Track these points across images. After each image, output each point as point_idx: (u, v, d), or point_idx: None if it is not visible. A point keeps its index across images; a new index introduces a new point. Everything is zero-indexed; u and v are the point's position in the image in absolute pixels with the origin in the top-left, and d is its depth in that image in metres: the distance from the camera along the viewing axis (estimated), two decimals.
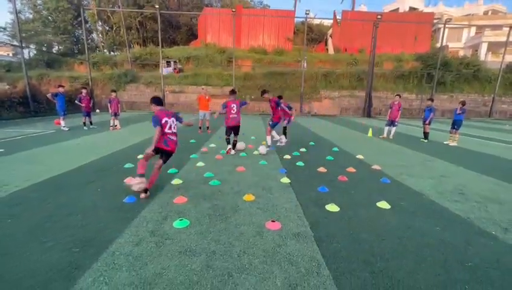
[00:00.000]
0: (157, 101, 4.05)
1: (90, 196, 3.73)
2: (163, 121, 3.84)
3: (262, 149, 6.64)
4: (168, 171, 4.90)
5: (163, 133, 3.85)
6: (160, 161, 3.93)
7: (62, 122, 9.96)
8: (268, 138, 7.16)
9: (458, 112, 8.91)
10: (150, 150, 3.74)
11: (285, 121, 7.81)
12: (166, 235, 2.74)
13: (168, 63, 26.04)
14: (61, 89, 10.10)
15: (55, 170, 4.89)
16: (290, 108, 7.47)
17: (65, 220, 2.99)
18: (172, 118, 4.01)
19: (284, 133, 8.05)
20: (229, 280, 2.10)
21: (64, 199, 3.59)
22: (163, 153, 3.94)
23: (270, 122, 7.22)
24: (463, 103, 8.99)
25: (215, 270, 2.20)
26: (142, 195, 3.69)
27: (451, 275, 2.22)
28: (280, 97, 7.31)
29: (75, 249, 2.44)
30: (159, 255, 2.39)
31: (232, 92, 6.47)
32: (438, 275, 2.22)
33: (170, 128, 3.93)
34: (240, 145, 6.92)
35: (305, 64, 26.38)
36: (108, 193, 3.83)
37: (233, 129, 6.50)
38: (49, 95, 10.15)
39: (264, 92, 7.21)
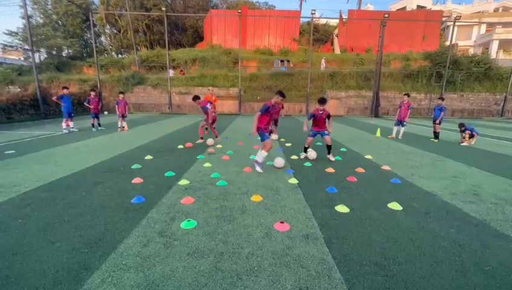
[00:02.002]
0: (194, 97, 7.93)
1: (98, 196, 3.75)
2: (207, 104, 8.15)
3: (258, 168, 5.20)
4: (165, 175, 4.76)
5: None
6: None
7: (63, 124, 9.90)
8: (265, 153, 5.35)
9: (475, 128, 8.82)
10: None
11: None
12: (174, 236, 2.71)
13: (282, 62, 25.66)
14: (65, 91, 10.02)
15: (65, 170, 4.95)
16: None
17: (74, 221, 3.01)
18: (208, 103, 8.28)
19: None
20: (238, 282, 2.05)
21: (74, 199, 3.61)
22: None
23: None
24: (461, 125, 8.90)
25: (223, 272, 2.16)
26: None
27: (469, 280, 2.13)
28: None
29: (83, 250, 2.44)
30: (167, 256, 2.36)
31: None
32: (455, 279, 2.13)
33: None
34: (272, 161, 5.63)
35: (324, 64, 26.23)
36: (116, 194, 3.84)
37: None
38: (54, 98, 10.27)
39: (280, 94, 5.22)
